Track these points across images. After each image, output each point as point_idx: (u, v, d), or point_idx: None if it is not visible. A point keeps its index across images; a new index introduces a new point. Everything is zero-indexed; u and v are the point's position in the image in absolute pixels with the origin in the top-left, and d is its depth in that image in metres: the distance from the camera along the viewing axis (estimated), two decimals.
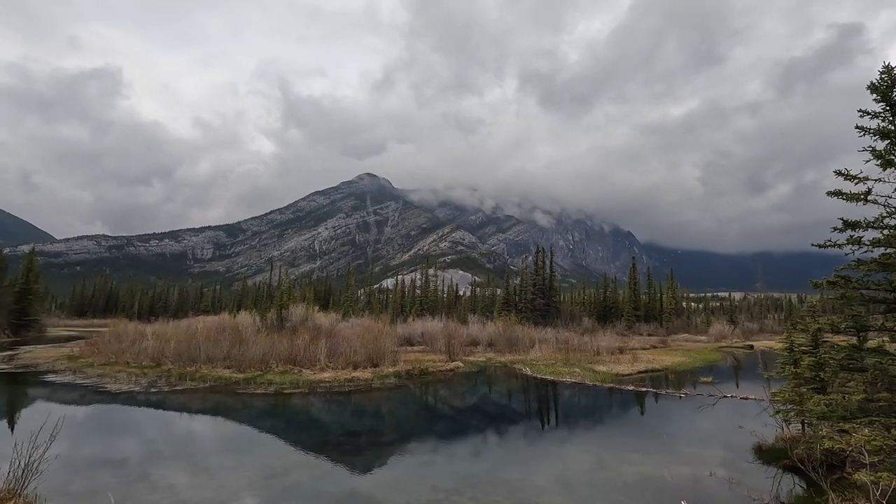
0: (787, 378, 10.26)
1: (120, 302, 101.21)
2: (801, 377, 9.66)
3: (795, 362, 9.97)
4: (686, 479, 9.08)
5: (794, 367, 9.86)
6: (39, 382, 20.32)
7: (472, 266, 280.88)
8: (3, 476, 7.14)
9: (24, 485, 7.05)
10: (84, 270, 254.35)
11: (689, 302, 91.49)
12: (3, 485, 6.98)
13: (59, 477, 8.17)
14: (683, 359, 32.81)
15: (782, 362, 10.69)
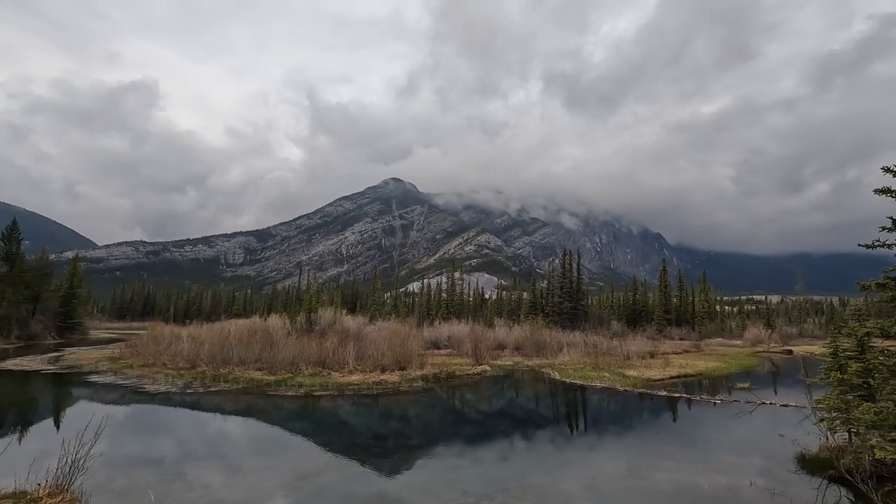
0: (831, 385, 9.79)
1: (157, 305, 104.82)
2: (847, 384, 9.21)
3: (841, 368, 9.52)
4: (724, 489, 8.77)
5: (840, 374, 9.41)
6: (83, 382, 21.20)
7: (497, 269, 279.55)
8: (51, 472, 7.47)
9: (70, 481, 7.36)
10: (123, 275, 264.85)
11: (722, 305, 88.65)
12: (52, 481, 7.30)
13: (101, 474, 8.48)
14: (718, 363, 31.79)
15: (826, 368, 10.22)
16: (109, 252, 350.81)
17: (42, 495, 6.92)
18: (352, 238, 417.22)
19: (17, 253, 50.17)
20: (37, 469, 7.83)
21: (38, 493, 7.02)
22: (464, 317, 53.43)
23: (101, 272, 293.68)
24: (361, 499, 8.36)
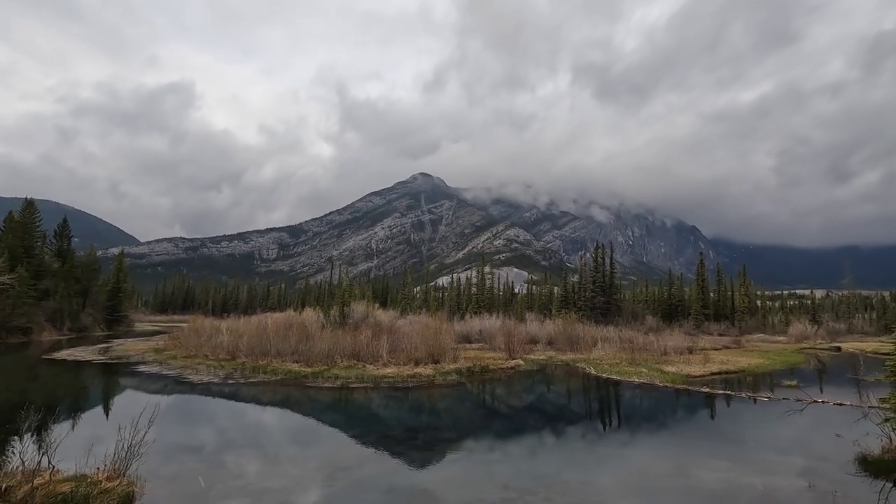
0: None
1: (196, 299, 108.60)
2: None
3: None
4: (782, 490, 8.36)
5: None
6: (131, 372, 22.12)
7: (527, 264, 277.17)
8: (108, 457, 7.78)
9: (127, 466, 7.64)
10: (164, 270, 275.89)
11: (763, 300, 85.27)
12: (110, 465, 7.59)
13: (154, 460, 8.77)
14: (761, 360, 30.56)
15: (891, 365, 9.61)
16: (151, 248, 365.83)
17: (101, 478, 7.20)
18: (381, 233, 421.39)
19: (67, 249, 52.80)
20: (95, 454, 8.17)
21: (98, 476, 7.31)
22: (494, 311, 53.15)
23: (144, 267, 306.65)
24: (399, 491, 8.38)
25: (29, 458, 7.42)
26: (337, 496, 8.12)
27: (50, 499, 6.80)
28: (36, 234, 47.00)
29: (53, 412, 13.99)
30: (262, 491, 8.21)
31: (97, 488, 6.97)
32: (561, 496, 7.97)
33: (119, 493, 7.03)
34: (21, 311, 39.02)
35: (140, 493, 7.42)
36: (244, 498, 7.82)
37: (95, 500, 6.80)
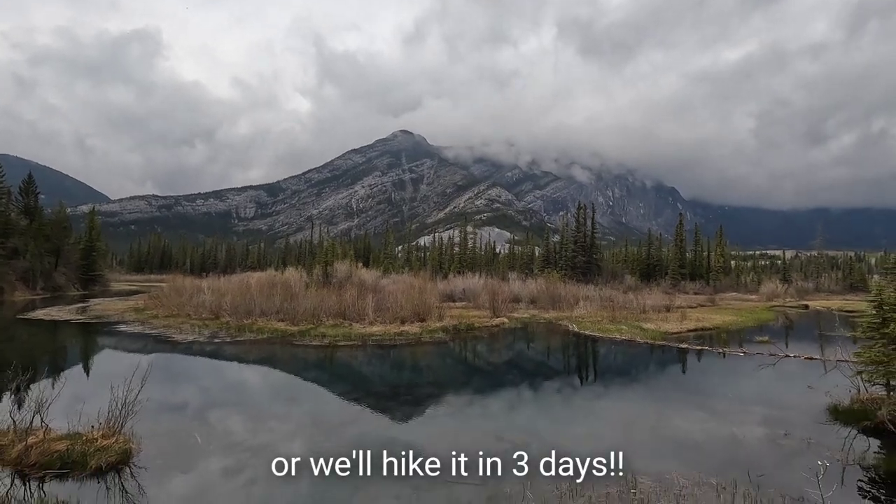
0: (873, 338, 9.64)
1: (173, 259, 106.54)
2: (889, 337, 9.05)
3: (884, 321, 9.33)
4: (759, 438, 8.84)
5: (885, 328, 9.24)
6: (113, 332, 21.80)
7: (508, 224, 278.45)
8: (102, 416, 7.71)
9: (122, 424, 7.59)
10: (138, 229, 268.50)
11: (738, 261, 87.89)
12: (105, 423, 7.53)
13: (147, 418, 8.72)
14: (734, 318, 31.78)
15: (866, 322, 10.04)
16: (123, 206, 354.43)
17: (97, 436, 7.15)
18: (361, 192, 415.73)
19: (35, 207, 50.71)
20: (86, 413, 8.07)
21: (94, 434, 7.25)
22: (476, 271, 53.59)
23: (116, 226, 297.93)
24: (396, 443, 8.56)
25: (20, 418, 7.30)
26: (331, 450, 8.25)
27: (45, 457, 6.74)
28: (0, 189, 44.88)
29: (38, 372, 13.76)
30: (258, 447, 8.29)
31: (93, 446, 6.93)
32: (551, 445, 8.27)
33: (116, 450, 7.00)
34: None
35: (137, 449, 7.42)
36: (241, 453, 7.90)
37: (92, 458, 6.77)
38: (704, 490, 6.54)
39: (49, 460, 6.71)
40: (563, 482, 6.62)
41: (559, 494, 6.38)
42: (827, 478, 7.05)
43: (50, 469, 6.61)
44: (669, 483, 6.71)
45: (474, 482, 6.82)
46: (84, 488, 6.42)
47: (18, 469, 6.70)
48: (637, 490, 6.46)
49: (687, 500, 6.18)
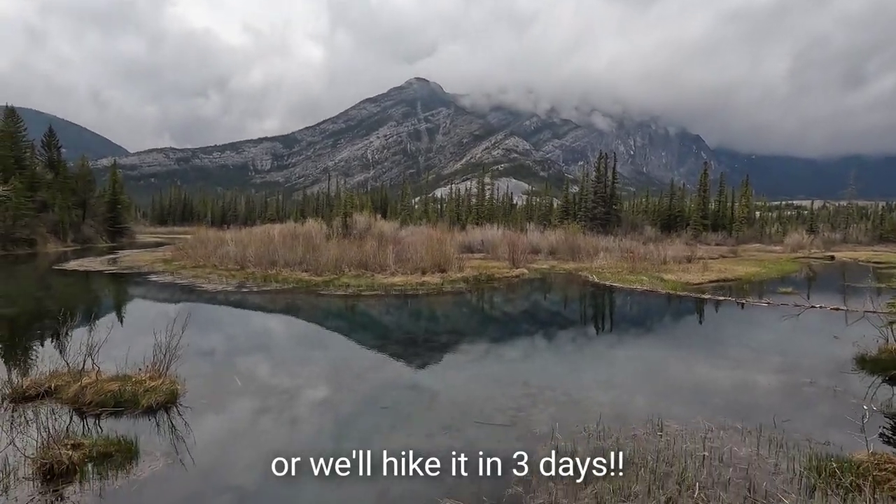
0: None
1: (194, 211, 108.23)
2: None
3: None
4: (784, 386, 8.93)
5: None
6: (145, 282, 22.58)
7: (525, 174, 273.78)
8: (148, 359, 8.13)
9: (167, 367, 8.00)
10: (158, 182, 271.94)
11: (763, 211, 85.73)
12: (150, 366, 7.94)
13: (189, 362, 9.16)
14: (757, 269, 31.37)
15: None
16: (142, 159, 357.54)
17: (145, 378, 7.56)
18: (377, 143, 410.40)
19: (58, 160, 51.41)
20: (131, 357, 8.51)
21: (141, 376, 7.66)
22: (494, 222, 53.37)
23: (137, 179, 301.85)
24: (429, 392, 8.88)
25: (72, 360, 7.73)
26: (366, 394, 8.62)
27: (99, 396, 7.18)
28: (24, 144, 45.44)
29: (81, 319, 14.45)
30: (293, 389, 8.70)
31: (143, 387, 7.34)
32: (577, 392, 8.50)
33: (164, 390, 7.41)
34: (22, 223, 38.92)
35: (183, 390, 7.84)
36: (279, 395, 8.30)
37: (143, 398, 7.19)
38: (730, 433, 6.69)
39: (104, 399, 7.14)
40: (591, 421, 6.84)
41: (586, 436, 6.59)
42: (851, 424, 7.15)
43: (105, 407, 7.06)
44: (695, 427, 6.87)
45: (503, 423, 7.09)
46: (137, 425, 6.86)
47: (76, 407, 7.18)
48: (663, 433, 6.65)
49: (713, 442, 6.34)
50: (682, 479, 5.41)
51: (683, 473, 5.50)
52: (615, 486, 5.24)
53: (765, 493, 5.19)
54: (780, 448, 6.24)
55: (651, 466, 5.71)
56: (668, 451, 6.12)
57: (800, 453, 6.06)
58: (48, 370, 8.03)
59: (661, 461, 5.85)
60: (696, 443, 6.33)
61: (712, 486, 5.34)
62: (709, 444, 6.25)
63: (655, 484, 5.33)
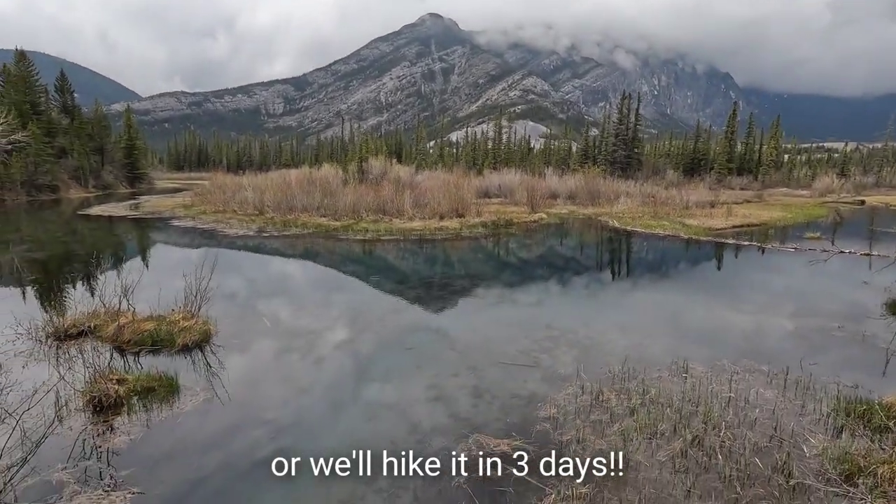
0: None
1: (210, 157, 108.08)
2: None
3: None
4: (811, 331, 8.85)
5: None
6: (167, 227, 22.94)
7: (544, 116, 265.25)
8: (180, 301, 8.34)
9: (198, 308, 8.21)
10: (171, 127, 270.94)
11: (791, 154, 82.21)
12: (183, 307, 8.17)
13: (218, 304, 9.40)
14: (783, 214, 30.55)
15: None
16: (154, 104, 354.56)
17: (178, 318, 7.79)
18: (390, 84, 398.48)
19: (72, 105, 51.05)
20: (163, 298, 8.74)
21: (175, 316, 7.90)
22: (511, 167, 52.29)
23: (151, 124, 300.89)
24: (455, 335, 9.02)
25: (107, 301, 7.98)
26: (389, 336, 8.79)
27: (137, 335, 7.45)
28: (37, 88, 45.02)
29: (110, 262, 14.84)
30: (319, 330, 8.91)
31: (177, 326, 7.58)
32: (600, 335, 8.55)
33: (197, 330, 7.65)
34: (44, 170, 39.35)
35: (215, 331, 8.08)
36: (306, 336, 8.52)
37: (178, 337, 7.44)
38: (756, 376, 6.71)
39: (141, 338, 7.42)
40: (615, 363, 6.91)
41: (611, 377, 6.67)
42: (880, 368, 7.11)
43: (143, 346, 7.34)
44: (720, 369, 6.90)
45: (527, 364, 7.20)
46: (175, 362, 7.15)
47: (116, 345, 7.47)
48: (688, 375, 6.69)
49: (738, 384, 6.37)
50: (708, 418, 5.48)
51: (709, 413, 5.56)
52: (641, 425, 5.34)
53: (791, 433, 5.25)
54: (807, 390, 6.26)
55: (676, 406, 5.79)
56: (694, 392, 6.18)
57: (827, 395, 6.07)
58: (86, 310, 8.32)
59: (686, 401, 5.92)
60: (722, 384, 6.37)
61: (738, 425, 5.41)
62: (734, 386, 6.28)
63: (681, 423, 5.42)
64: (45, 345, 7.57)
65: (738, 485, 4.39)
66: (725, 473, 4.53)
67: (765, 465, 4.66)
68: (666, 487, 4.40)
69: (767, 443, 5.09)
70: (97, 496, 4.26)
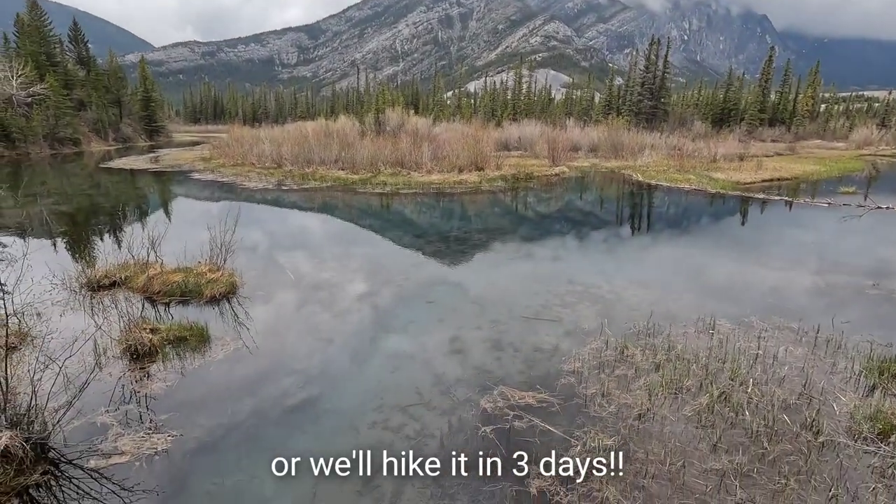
0: None
1: (225, 109, 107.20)
2: None
3: None
4: (845, 289, 8.61)
5: None
6: (188, 180, 23.08)
7: (566, 65, 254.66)
8: (205, 253, 8.46)
9: (224, 260, 8.32)
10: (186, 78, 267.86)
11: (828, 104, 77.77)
12: (209, 259, 8.28)
13: (242, 256, 9.52)
14: (816, 167, 29.30)
15: None
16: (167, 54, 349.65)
17: (205, 270, 7.92)
18: (406, 31, 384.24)
19: (88, 56, 50.55)
20: (188, 251, 8.87)
21: (202, 268, 8.02)
22: (531, 118, 50.72)
23: (165, 75, 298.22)
24: (478, 287, 9.01)
25: (135, 253, 8.13)
26: (411, 289, 8.82)
27: (166, 286, 7.62)
28: (52, 39, 44.51)
29: (135, 215, 15.07)
30: (342, 283, 8.99)
31: (204, 278, 7.71)
32: (625, 290, 8.45)
33: (224, 282, 7.78)
34: (64, 122, 39.53)
35: (241, 282, 8.22)
36: (329, 288, 8.60)
37: (206, 288, 7.59)
38: (785, 333, 6.60)
39: (170, 289, 7.59)
40: (640, 319, 6.86)
41: (636, 332, 6.63)
42: None
43: (173, 297, 7.51)
44: (748, 326, 6.79)
45: (551, 319, 7.19)
46: (204, 313, 7.32)
47: (146, 296, 7.67)
48: (715, 331, 6.61)
49: (767, 341, 6.28)
50: (735, 375, 5.43)
51: (736, 370, 5.51)
52: (666, 380, 5.32)
53: (821, 391, 5.18)
54: (839, 349, 6.14)
55: (703, 362, 5.74)
56: (721, 348, 6.11)
57: (859, 354, 5.95)
58: (116, 262, 8.50)
59: (713, 358, 5.87)
60: (750, 341, 6.28)
61: (766, 382, 5.36)
62: (763, 343, 6.19)
63: (707, 379, 5.39)
64: (80, 295, 7.80)
65: (765, 440, 4.39)
66: (752, 429, 4.52)
67: (793, 422, 4.63)
68: (692, 441, 4.43)
69: (796, 400, 5.04)
70: (139, 438, 4.47)
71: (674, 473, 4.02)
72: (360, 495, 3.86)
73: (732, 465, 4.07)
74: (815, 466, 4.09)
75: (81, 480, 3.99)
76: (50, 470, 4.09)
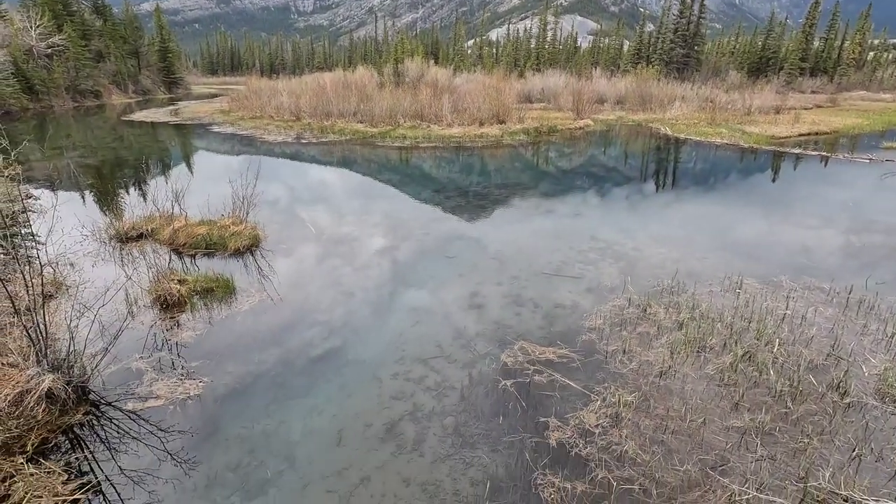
0: None
1: (242, 60, 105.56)
2: None
3: None
4: (881, 249, 8.26)
5: None
6: (208, 133, 23.05)
7: (594, 10, 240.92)
8: (228, 207, 8.52)
9: (246, 214, 8.38)
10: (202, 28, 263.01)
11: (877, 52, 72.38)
12: (232, 213, 8.36)
13: (262, 210, 9.57)
14: (858, 120, 27.63)
15: None
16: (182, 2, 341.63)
17: (228, 223, 8.00)
18: None
19: (104, 5, 49.73)
20: (211, 204, 8.95)
21: (225, 221, 8.11)
22: (555, 68, 48.65)
23: (181, 25, 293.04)
24: (501, 243, 8.93)
25: (160, 206, 8.24)
26: (431, 244, 8.79)
27: (191, 239, 7.74)
28: None
29: (158, 169, 15.21)
30: (364, 236, 9.01)
31: (228, 231, 7.80)
32: (649, 248, 8.28)
33: (247, 235, 7.87)
34: (85, 74, 39.49)
35: (264, 235, 8.30)
36: (350, 242, 8.64)
37: (230, 241, 7.69)
38: (815, 293, 6.42)
39: (195, 241, 7.72)
40: (664, 276, 6.74)
41: (660, 290, 6.53)
42: None
43: (198, 249, 7.65)
44: (777, 286, 6.62)
45: (572, 276, 7.12)
46: (229, 265, 7.45)
47: (173, 248, 7.82)
48: (742, 290, 6.47)
49: (796, 301, 6.12)
50: (761, 334, 5.34)
51: (762, 330, 5.42)
52: (689, 338, 5.27)
53: (850, 352, 5.08)
54: (871, 310, 5.96)
55: (728, 322, 5.65)
56: (747, 308, 5.99)
57: (893, 316, 5.77)
58: (142, 215, 8.65)
59: (738, 317, 5.77)
60: (778, 301, 6.14)
61: (793, 342, 5.26)
62: (791, 304, 6.04)
63: (732, 338, 5.32)
64: (109, 246, 8.01)
65: (788, 399, 4.35)
66: (776, 389, 4.48)
67: (819, 382, 4.57)
68: (713, 399, 4.42)
69: (823, 360, 4.96)
70: (173, 383, 4.66)
71: (694, 430, 4.04)
72: (383, 442, 3.99)
73: (754, 424, 4.06)
74: (839, 427, 4.06)
75: (121, 421, 4.21)
76: (91, 411, 4.32)
